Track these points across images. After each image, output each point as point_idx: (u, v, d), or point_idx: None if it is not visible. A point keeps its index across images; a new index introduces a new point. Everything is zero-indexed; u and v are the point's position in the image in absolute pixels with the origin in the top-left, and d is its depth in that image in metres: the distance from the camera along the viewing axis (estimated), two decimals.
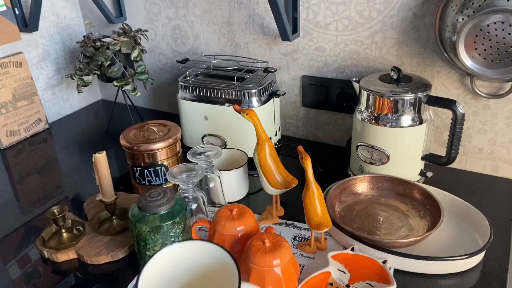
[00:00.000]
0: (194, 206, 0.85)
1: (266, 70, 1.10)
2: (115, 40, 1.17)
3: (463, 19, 0.83)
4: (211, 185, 0.91)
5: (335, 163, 1.10)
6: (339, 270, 0.74)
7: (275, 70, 1.11)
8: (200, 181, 0.89)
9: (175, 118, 1.16)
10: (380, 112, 0.90)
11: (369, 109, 0.92)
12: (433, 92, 0.96)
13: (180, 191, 0.84)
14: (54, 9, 1.41)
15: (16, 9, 1.28)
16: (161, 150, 0.94)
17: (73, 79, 1.24)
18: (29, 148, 1.29)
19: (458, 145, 0.89)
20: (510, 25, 0.78)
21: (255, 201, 0.98)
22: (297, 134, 1.26)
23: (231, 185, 0.95)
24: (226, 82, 1.07)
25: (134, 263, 0.81)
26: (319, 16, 1.07)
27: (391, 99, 0.88)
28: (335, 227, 0.81)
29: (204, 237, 0.85)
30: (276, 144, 1.15)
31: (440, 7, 0.90)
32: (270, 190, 0.85)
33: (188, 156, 0.88)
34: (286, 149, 1.18)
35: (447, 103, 0.87)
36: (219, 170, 0.92)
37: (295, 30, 1.10)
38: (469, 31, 0.81)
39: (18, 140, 1.31)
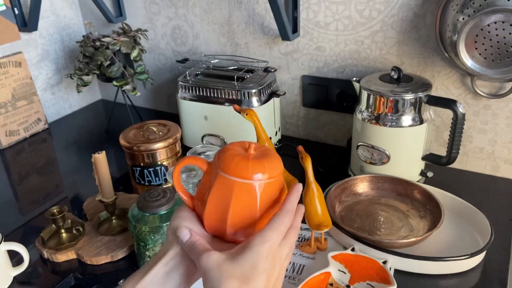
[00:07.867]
0: None
1: (266, 70, 1.10)
2: (114, 39, 1.17)
3: (463, 18, 0.83)
4: None
5: (335, 163, 1.10)
6: (339, 270, 0.74)
7: (275, 70, 1.11)
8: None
9: (175, 118, 1.16)
10: (380, 112, 0.90)
11: (370, 109, 0.92)
12: (434, 92, 0.96)
13: None
14: (54, 8, 1.41)
15: (15, 8, 1.28)
16: (160, 150, 0.93)
17: (72, 79, 1.23)
18: (28, 148, 1.29)
19: (459, 145, 0.89)
20: (510, 25, 0.78)
21: None
22: (297, 134, 1.26)
23: None
24: (226, 82, 1.07)
25: (134, 263, 0.81)
26: (319, 15, 1.07)
27: (392, 99, 0.88)
28: (336, 227, 0.81)
29: None
30: (276, 144, 1.15)
31: (441, 7, 0.90)
32: None
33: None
34: (286, 149, 1.18)
35: (448, 103, 0.86)
36: None
37: (295, 29, 1.09)
38: (469, 31, 0.81)
39: (18, 140, 1.31)
